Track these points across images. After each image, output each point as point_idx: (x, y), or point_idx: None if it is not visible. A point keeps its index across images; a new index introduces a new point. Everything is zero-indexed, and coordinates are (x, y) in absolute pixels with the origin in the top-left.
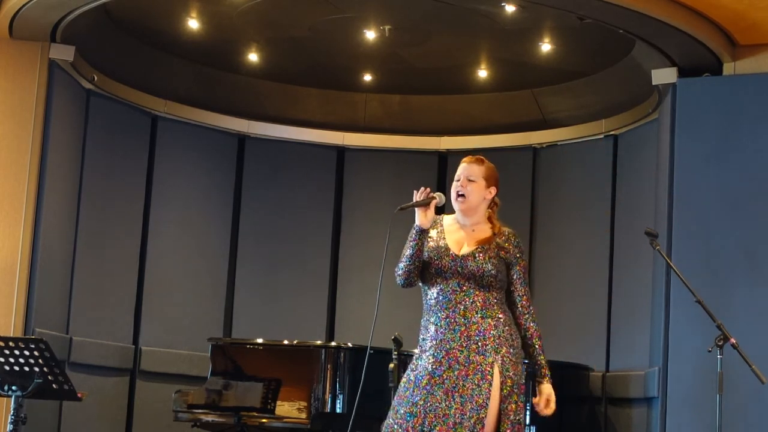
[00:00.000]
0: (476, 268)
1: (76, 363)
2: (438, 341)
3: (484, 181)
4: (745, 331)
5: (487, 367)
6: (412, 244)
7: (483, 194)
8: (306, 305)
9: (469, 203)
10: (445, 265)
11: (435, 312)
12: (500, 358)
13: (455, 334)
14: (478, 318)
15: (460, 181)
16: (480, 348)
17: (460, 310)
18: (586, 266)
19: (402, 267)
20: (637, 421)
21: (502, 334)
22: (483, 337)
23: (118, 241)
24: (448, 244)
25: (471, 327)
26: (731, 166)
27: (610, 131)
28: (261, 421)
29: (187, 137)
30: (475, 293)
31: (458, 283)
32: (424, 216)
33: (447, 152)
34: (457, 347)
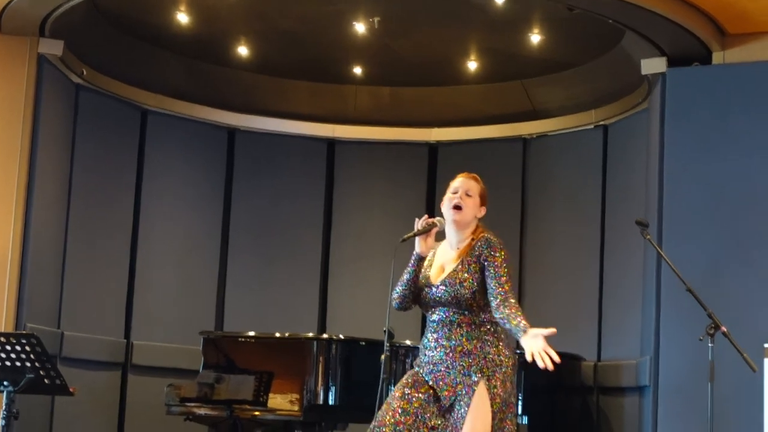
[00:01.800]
0: (449, 296)
1: (67, 358)
2: (431, 364)
3: (480, 198)
4: (735, 319)
5: (470, 386)
6: (410, 270)
7: (476, 212)
8: (298, 298)
9: (463, 216)
10: (425, 296)
11: (427, 333)
12: (485, 378)
13: (442, 356)
14: (463, 340)
15: (458, 194)
16: (465, 369)
17: (445, 333)
18: (577, 256)
19: (398, 291)
20: (628, 410)
21: (489, 356)
22: (468, 359)
23: (109, 235)
24: (431, 273)
25: (455, 349)
26: (721, 155)
27: (600, 121)
28: (253, 413)
29: (178, 131)
30: (459, 317)
31: (442, 309)
32: (424, 244)
33: (437, 144)
34: (444, 369)
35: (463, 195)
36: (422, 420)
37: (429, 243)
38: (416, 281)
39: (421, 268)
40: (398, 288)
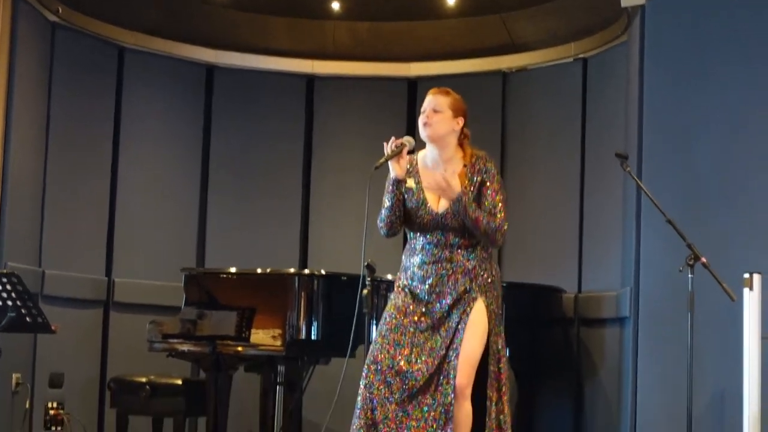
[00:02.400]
0: (457, 225)
1: (49, 296)
2: (427, 284)
3: (451, 111)
4: (715, 250)
5: (469, 302)
6: (390, 196)
7: (451, 125)
8: (279, 234)
9: (435, 130)
10: (426, 222)
11: (421, 256)
12: (484, 294)
13: (443, 277)
14: (464, 260)
15: (425, 113)
16: (466, 287)
17: (446, 254)
18: (557, 190)
19: (384, 218)
20: (609, 341)
21: (484, 275)
22: (468, 277)
23: (88, 173)
24: (426, 198)
25: (458, 270)
26: (700, 87)
27: (580, 54)
28: (236, 349)
29: (155, 69)
30: (460, 240)
31: (442, 233)
32: (398, 166)
33: (417, 78)
34: (446, 291)
35: (430, 112)
36: (419, 346)
37: (402, 164)
38: (400, 204)
39: (401, 192)
40: (383, 215)
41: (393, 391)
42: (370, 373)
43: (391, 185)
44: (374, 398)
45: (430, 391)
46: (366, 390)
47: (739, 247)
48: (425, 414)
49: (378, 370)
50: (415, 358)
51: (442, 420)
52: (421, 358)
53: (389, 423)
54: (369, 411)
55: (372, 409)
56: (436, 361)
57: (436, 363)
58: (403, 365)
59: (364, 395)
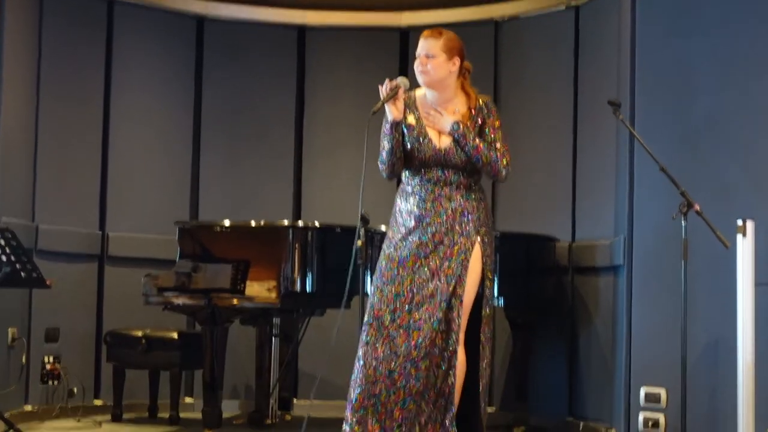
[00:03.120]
0: (459, 161)
1: (43, 251)
2: (424, 223)
3: (445, 54)
4: (708, 197)
5: (469, 246)
6: (389, 138)
7: (447, 67)
8: (272, 186)
9: (431, 77)
10: (428, 158)
11: (418, 194)
12: (479, 239)
13: (442, 216)
14: (462, 200)
15: (419, 58)
16: (463, 229)
17: (446, 193)
18: (550, 139)
19: (385, 161)
20: (603, 289)
21: (482, 216)
22: (466, 219)
23: (80, 128)
24: (428, 133)
25: (456, 210)
26: (694, 34)
27: (572, 2)
28: (231, 301)
29: (145, 21)
30: (459, 178)
31: (442, 170)
32: (395, 109)
33: (408, 28)
34: (442, 230)
35: (423, 58)
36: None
37: (399, 106)
38: (399, 145)
39: (400, 133)
40: (383, 157)
41: (398, 344)
42: (371, 329)
43: (389, 127)
44: (378, 354)
45: (435, 338)
46: (367, 347)
47: (733, 193)
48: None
49: (380, 325)
50: (416, 307)
51: (445, 366)
52: (423, 306)
53: (395, 376)
54: (370, 368)
55: (375, 366)
56: (437, 308)
57: (437, 309)
58: (406, 315)
59: (365, 351)
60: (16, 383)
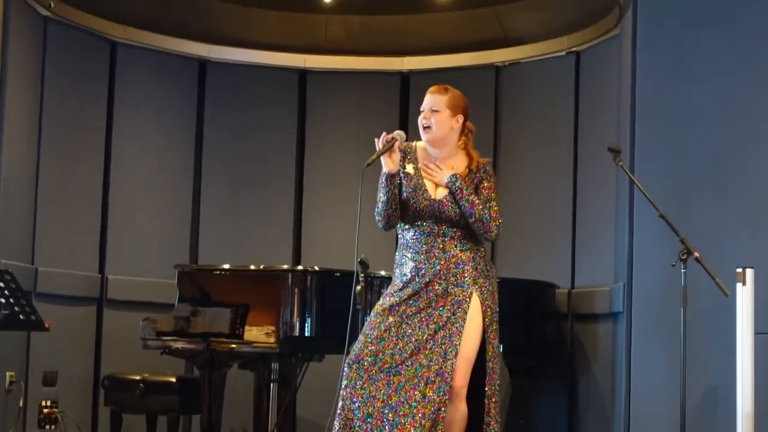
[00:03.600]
0: (453, 214)
1: (42, 293)
2: (418, 273)
3: (449, 110)
4: (708, 244)
5: (465, 297)
6: (385, 190)
7: (450, 124)
8: (272, 229)
9: (434, 134)
10: (422, 208)
11: (413, 247)
12: (479, 289)
13: (435, 267)
14: (457, 251)
15: (424, 112)
16: (458, 280)
17: (439, 244)
18: (550, 184)
19: (380, 212)
20: (602, 336)
21: (479, 266)
22: (462, 270)
23: (81, 170)
24: (425, 184)
25: (450, 260)
26: (693, 80)
27: (572, 48)
28: (230, 346)
29: (148, 63)
30: (453, 230)
31: (435, 222)
32: (390, 161)
33: (409, 72)
34: (436, 280)
35: (428, 112)
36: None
37: (395, 159)
38: (395, 197)
39: (395, 186)
40: (380, 209)
41: (379, 388)
42: (352, 372)
43: (385, 179)
44: (355, 397)
45: (419, 386)
46: (346, 390)
47: (732, 240)
48: (413, 410)
49: (360, 368)
50: (399, 352)
51: (432, 417)
52: (406, 352)
53: (373, 421)
54: (349, 411)
55: (353, 410)
56: (422, 355)
57: (423, 357)
58: (388, 359)
59: (344, 395)
60: (14, 427)
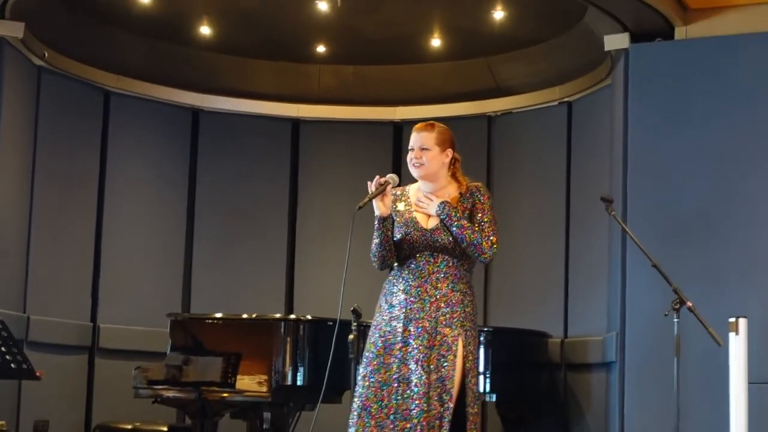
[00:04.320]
0: (447, 242)
1: (34, 342)
2: (408, 309)
3: (438, 146)
4: (701, 293)
5: (453, 339)
6: (378, 233)
7: (440, 159)
8: (264, 277)
9: (426, 170)
10: (415, 239)
11: (406, 280)
12: (464, 333)
13: (425, 304)
14: (448, 290)
15: (414, 152)
16: (447, 320)
17: (432, 280)
18: (543, 233)
19: (374, 254)
20: (596, 386)
21: (467, 309)
22: (451, 310)
23: (73, 218)
24: (416, 217)
25: (441, 299)
26: (684, 130)
27: (565, 98)
28: (222, 395)
29: (141, 112)
30: (447, 263)
31: (431, 254)
32: (382, 205)
33: (402, 122)
34: (426, 317)
35: (418, 152)
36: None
37: (387, 202)
38: (388, 239)
39: (388, 228)
40: (374, 251)
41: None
42: (361, 419)
43: (377, 222)
44: None
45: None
46: None
47: (725, 290)
48: None
49: (368, 414)
50: (402, 397)
51: None
52: (408, 396)
53: None
54: None
55: None
56: (422, 400)
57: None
58: (393, 405)
59: None
60: None
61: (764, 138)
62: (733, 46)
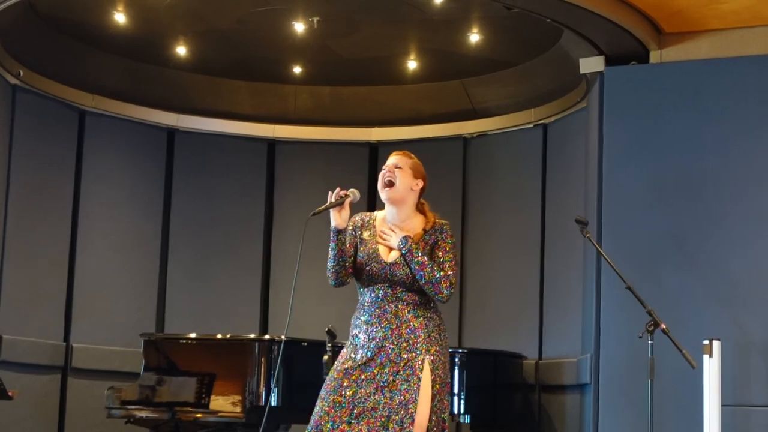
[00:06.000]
0: (405, 276)
1: (6, 362)
2: (370, 338)
3: (411, 171)
4: (675, 316)
5: (418, 363)
6: (332, 245)
7: (410, 183)
8: (239, 298)
9: (396, 191)
10: (375, 271)
11: (368, 310)
12: (430, 357)
13: (387, 331)
14: (410, 317)
15: (387, 168)
16: (411, 346)
17: (391, 309)
18: (518, 254)
19: (329, 268)
20: (570, 408)
21: (432, 334)
22: (414, 335)
23: (47, 237)
24: (378, 249)
25: (402, 326)
26: (659, 153)
27: (540, 120)
28: (195, 416)
29: (116, 131)
30: (406, 295)
31: (389, 286)
32: (338, 216)
33: (378, 143)
34: (389, 344)
35: (392, 167)
36: (360, 405)
37: (344, 215)
38: (343, 254)
39: (343, 241)
40: (328, 265)
41: None
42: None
43: (332, 234)
44: None
45: None
46: None
47: (699, 312)
48: None
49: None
50: (356, 419)
51: None
52: (363, 419)
53: None
54: None
55: None
56: (378, 423)
57: (378, 424)
58: (344, 426)
59: None
60: None
61: (737, 161)
62: (708, 70)
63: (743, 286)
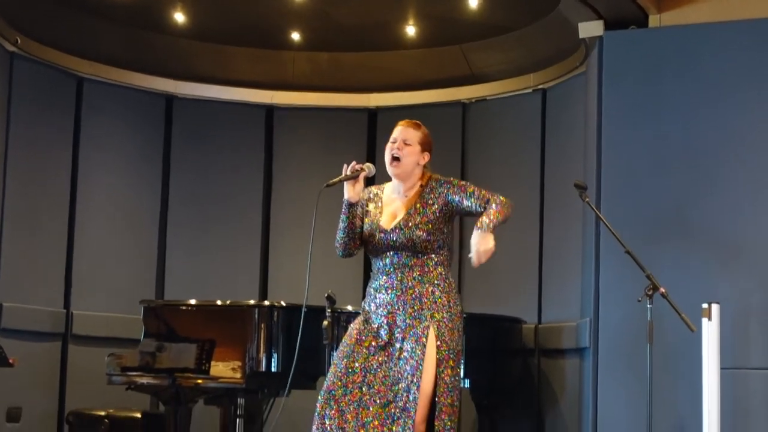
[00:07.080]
0: (405, 239)
1: (7, 329)
2: (378, 305)
3: (420, 146)
4: (674, 280)
5: (422, 330)
6: (343, 218)
7: (417, 159)
8: (238, 264)
9: (403, 167)
10: (378, 241)
11: (377, 278)
12: (436, 323)
13: (393, 298)
14: (415, 283)
15: (396, 143)
16: (416, 312)
17: (397, 276)
18: (517, 221)
19: (338, 239)
20: (569, 372)
21: (439, 300)
22: (419, 302)
23: (46, 204)
24: (381, 219)
25: (407, 292)
26: (658, 118)
27: (539, 85)
28: (196, 381)
29: (114, 99)
30: (412, 260)
31: (395, 253)
32: (352, 189)
33: (376, 109)
34: (395, 311)
35: (401, 144)
36: (372, 372)
37: (357, 189)
38: (353, 227)
39: (354, 215)
40: (337, 236)
41: (347, 420)
42: (324, 402)
43: (344, 207)
44: (327, 428)
45: (387, 423)
46: (319, 419)
47: (698, 276)
48: None
49: (331, 398)
50: (368, 386)
51: None
52: (374, 386)
53: None
54: None
55: None
56: (389, 390)
57: (390, 391)
58: (356, 392)
59: (317, 424)
60: None
61: (736, 125)
62: (707, 35)
63: (742, 249)
